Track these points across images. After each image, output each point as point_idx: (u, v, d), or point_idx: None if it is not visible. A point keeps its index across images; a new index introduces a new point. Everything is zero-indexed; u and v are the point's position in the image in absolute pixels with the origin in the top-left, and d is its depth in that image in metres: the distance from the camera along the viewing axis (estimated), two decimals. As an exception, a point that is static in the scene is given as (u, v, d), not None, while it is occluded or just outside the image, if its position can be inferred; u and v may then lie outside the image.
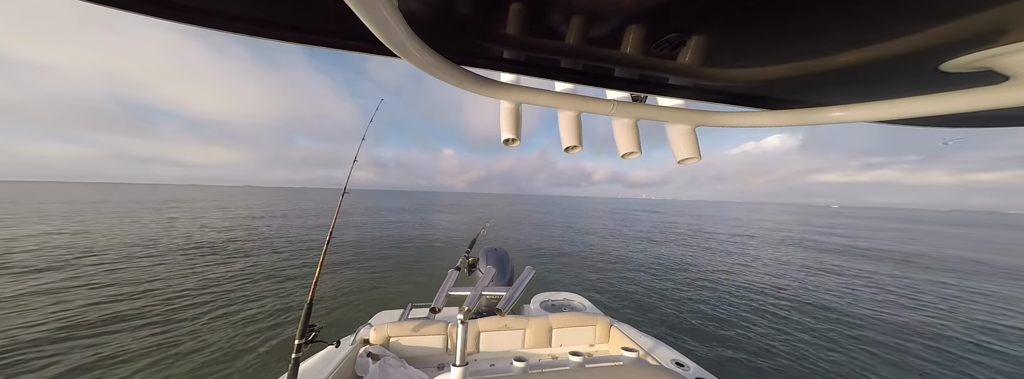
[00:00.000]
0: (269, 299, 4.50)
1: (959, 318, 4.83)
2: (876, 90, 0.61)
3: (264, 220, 15.52)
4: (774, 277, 7.14)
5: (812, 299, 5.59)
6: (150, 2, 0.43)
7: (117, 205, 22.70)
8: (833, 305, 5.29)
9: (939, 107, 0.49)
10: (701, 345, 3.65)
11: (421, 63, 0.45)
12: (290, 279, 5.67)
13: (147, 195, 45.09)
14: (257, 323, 3.70)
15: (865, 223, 28.88)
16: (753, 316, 4.62)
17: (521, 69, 0.62)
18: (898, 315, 4.86)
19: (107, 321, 3.61)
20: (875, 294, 6.14)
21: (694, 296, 5.56)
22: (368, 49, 0.51)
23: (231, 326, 3.59)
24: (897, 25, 0.40)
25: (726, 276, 7.06)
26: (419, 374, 1.54)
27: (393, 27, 0.36)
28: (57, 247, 7.81)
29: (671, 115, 0.71)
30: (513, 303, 1.30)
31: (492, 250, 2.39)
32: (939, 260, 10.23)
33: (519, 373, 0.93)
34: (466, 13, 0.45)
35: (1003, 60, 0.43)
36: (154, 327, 3.52)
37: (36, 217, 14.18)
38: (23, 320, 3.58)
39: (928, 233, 20.87)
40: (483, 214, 21.42)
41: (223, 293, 4.70)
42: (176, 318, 3.78)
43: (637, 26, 0.45)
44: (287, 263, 6.77)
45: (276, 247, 8.75)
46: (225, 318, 3.80)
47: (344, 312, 4.20)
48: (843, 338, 3.99)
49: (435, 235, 12.32)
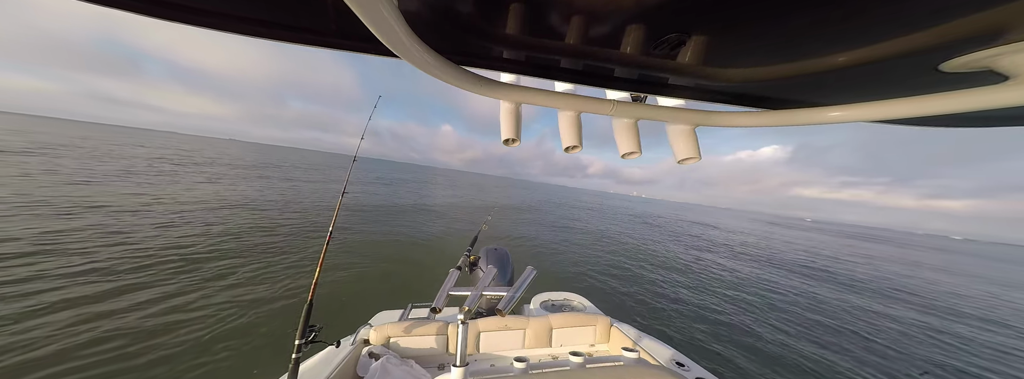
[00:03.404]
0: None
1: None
2: (876, 90, 0.61)
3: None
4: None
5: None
6: (150, 2, 0.43)
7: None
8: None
9: (939, 107, 0.49)
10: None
11: (421, 63, 0.45)
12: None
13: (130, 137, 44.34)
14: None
15: (826, 238, 29.70)
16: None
17: (521, 69, 0.62)
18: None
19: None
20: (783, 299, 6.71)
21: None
22: (368, 49, 0.51)
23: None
24: (897, 25, 0.40)
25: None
26: (421, 373, 1.54)
27: (393, 27, 0.36)
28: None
29: (671, 115, 0.71)
30: (514, 303, 1.31)
31: (493, 250, 2.39)
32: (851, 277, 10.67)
33: (519, 373, 0.93)
34: (466, 13, 0.45)
35: (1003, 60, 0.43)
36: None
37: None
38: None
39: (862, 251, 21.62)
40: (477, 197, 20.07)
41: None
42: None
43: (637, 26, 0.45)
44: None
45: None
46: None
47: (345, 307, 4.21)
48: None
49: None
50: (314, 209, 10.24)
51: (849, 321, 5.99)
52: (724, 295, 6.56)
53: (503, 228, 11.40)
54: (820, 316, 6.04)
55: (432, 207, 14.77)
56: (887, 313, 6.84)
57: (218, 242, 5.95)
